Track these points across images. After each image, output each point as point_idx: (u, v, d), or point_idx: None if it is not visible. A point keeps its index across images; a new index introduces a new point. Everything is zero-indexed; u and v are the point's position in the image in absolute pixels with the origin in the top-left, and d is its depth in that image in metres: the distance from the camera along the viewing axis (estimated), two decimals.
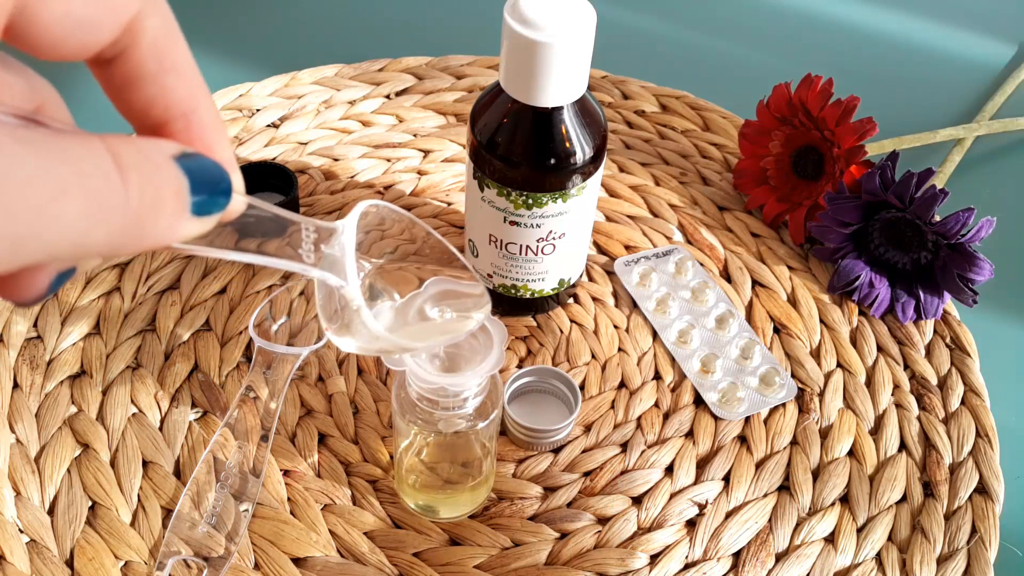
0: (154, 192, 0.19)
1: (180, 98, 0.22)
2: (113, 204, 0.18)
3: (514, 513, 0.44)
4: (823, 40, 0.75)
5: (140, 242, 0.19)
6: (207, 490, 0.43)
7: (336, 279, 0.27)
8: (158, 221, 0.19)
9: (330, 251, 0.27)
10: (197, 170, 0.20)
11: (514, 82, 0.41)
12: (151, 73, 0.21)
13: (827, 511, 0.44)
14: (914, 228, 0.51)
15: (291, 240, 0.25)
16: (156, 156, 0.20)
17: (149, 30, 0.21)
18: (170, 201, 0.20)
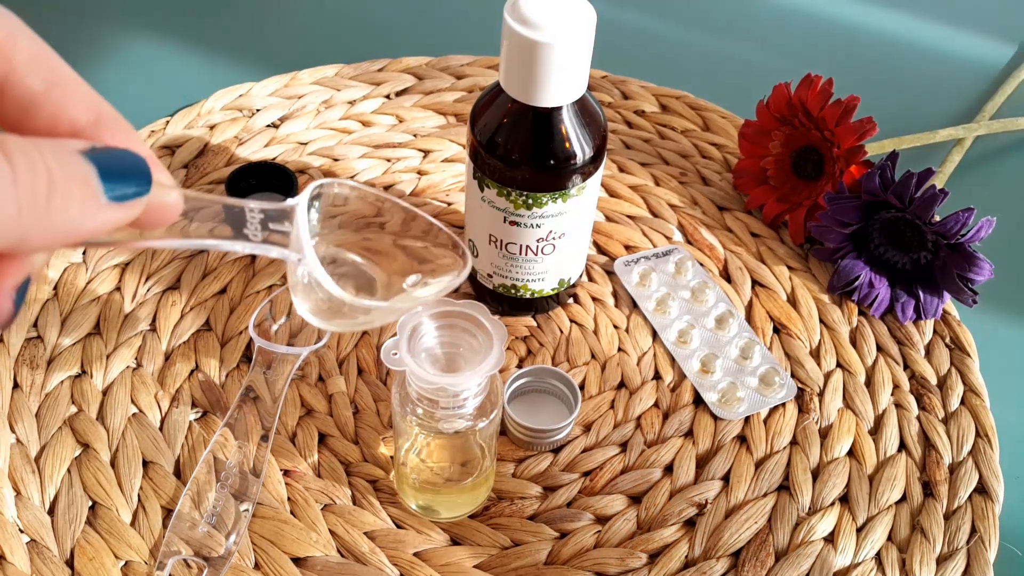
0: (49, 175, 0.19)
1: (79, 109, 0.22)
2: (21, 186, 0.18)
3: (514, 513, 0.44)
4: (823, 40, 0.75)
5: (54, 226, 0.20)
6: (207, 490, 0.43)
7: (291, 254, 0.27)
8: (68, 206, 0.20)
9: (284, 228, 0.27)
10: (106, 159, 0.21)
11: (514, 82, 0.41)
12: (41, 92, 0.22)
13: (827, 511, 0.44)
14: (914, 228, 0.51)
15: (235, 223, 0.26)
16: (56, 149, 0.20)
17: (22, 51, 0.21)
18: (77, 188, 0.20)
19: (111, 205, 0.21)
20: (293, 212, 0.27)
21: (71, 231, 0.20)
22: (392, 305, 0.32)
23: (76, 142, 0.21)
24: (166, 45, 0.70)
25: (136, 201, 0.21)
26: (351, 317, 0.29)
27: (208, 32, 0.71)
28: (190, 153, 0.59)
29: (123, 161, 0.21)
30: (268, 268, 0.53)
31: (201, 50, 0.69)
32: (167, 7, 0.73)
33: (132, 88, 0.65)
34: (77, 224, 0.20)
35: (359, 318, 0.30)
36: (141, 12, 0.72)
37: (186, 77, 0.66)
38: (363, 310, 0.29)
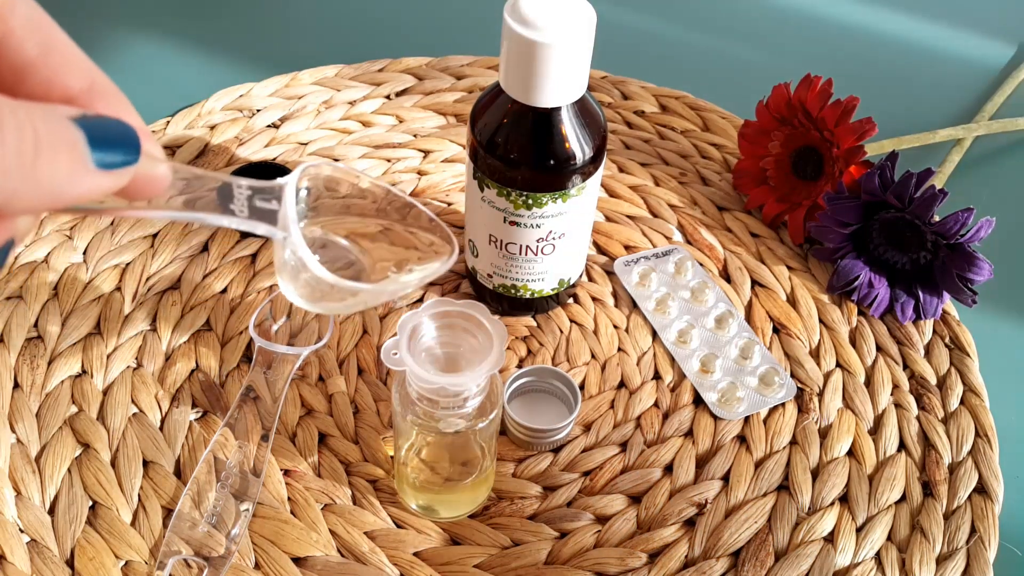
0: (36, 137, 0.19)
1: (74, 76, 0.23)
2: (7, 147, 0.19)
3: (514, 513, 0.44)
4: (823, 40, 0.75)
5: (39, 188, 0.20)
6: (207, 490, 0.43)
7: (277, 232, 0.27)
8: (54, 170, 0.20)
9: (273, 207, 0.27)
10: (96, 127, 0.21)
11: (514, 82, 0.41)
12: (36, 57, 0.22)
13: (826, 511, 0.44)
14: (913, 228, 0.51)
15: (223, 198, 0.26)
16: (45, 113, 0.20)
17: (20, 16, 0.22)
18: (64, 152, 0.20)
19: (98, 172, 0.21)
20: (282, 191, 0.27)
21: (57, 194, 0.20)
22: (377, 287, 0.32)
23: (67, 108, 0.21)
24: (166, 45, 0.70)
25: (124, 170, 0.22)
26: (337, 299, 0.29)
27: (208, 32, 0.71)
28: (190, 153, 0.59)
29: (113, 129, 0.21)
30: (268, 268, 0.53)
31: (201, 50, 0.69)
32: (167, 7, 0.73)
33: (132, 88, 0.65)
34: (63, 188, 0.20)
35: (346, 300, 0.30)
36: (141, 12, 0.72)
37: (186, 77, 0.66)
38: (348, 291, 0.29)
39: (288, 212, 0.27)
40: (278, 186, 0.27)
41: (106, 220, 0.54)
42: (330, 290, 0.28)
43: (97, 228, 0.54)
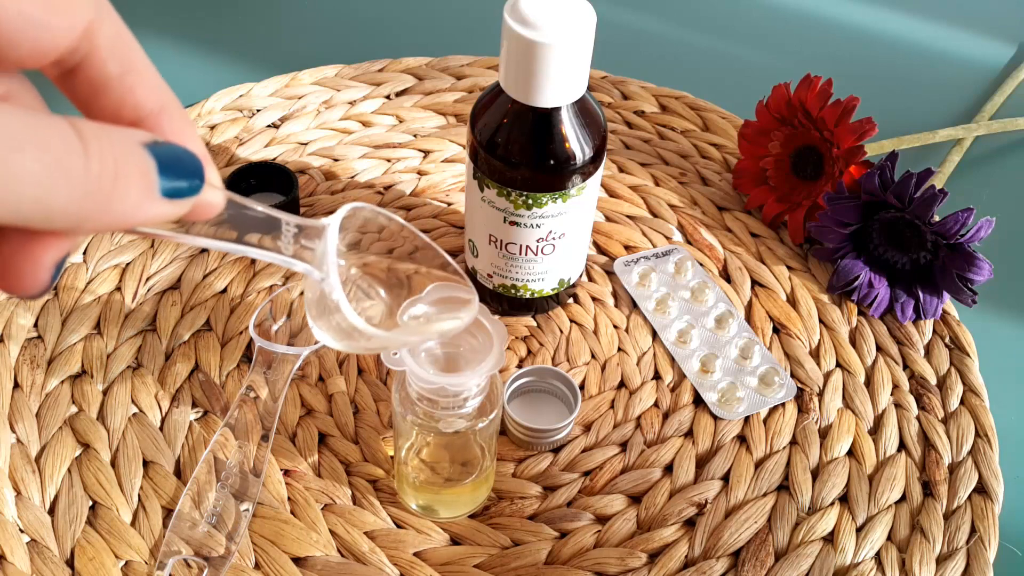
0: (116, 164, 0.20)
1: (147, 98, 0.23)
2: (72, 168, 0.19)
3: (514, 513, 0.44)
4: (823, 40, 0.75)
5: (108, 215, 0.20)
6: (207, 490, 0.43)
7: (315, 271, 0.28)
8: (125, 197, 0.20)
9: (312, 245, 0.28)
10: (166, 155, 0.21)
11: (514, 82, 0.41)
12: (115, 76, 0.22)
13: (826, 511, 0.44)
14: (913, 228, 0.51)
15: (271, 233, 0.27)
16: (123, 138, 0.21)
17: (106, 35, 0.22)
18: (136, 180, 0.20)
19: (163, 200, 0.21)
20: (324, 232, 0.27)
21: (124, 220, 0.21)
22: (401, 337, 0.33)
23: (140, 133, 0.21)
24: (166, 45, 0.70)
25: (187, 200, 0.22)
26: (360, 341, 0.30)
27: (208, 32, 0.71)
28: None
29: (181, 159, 0.22)
30: (268, 268, 0.53)
31: (201, 50, 0.69)
32: (167, 7, 0.73)
33: None
34: (131, 215, 0.21)
35: (371, 343, 0.30)
36: (141, 12, 0.72)
37: (186, 77, 0.66)
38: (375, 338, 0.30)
39: (329, 254, 0.27)
40: (321, 226, 0.28)
41: None
42: (357, 333, 0.29)
43: None
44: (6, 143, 0.18)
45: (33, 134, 0.18)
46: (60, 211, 0.19)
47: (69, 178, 0.19)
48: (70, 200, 0.19)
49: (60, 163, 0.19)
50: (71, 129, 0.19)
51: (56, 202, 0.19)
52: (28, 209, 0.19)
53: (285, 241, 0.27)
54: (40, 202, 0.19)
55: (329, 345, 0.30)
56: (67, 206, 0.19)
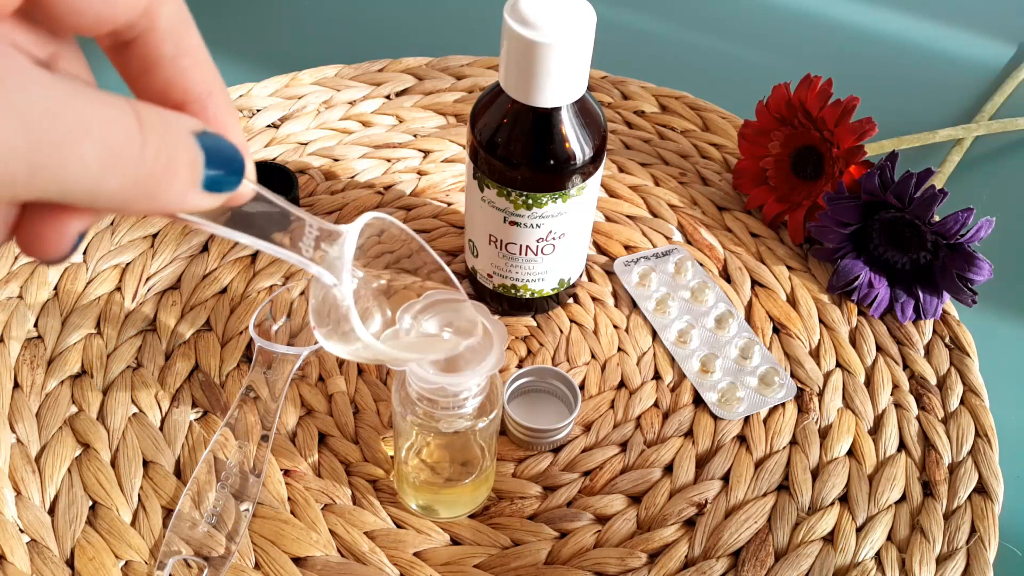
0: (169, 155, 0.20)
1: (196, 82, 0.23)
2: (129, 156, 0.19)
3: (514, 513, 0.44)
4: (823, 40, 0.75)
5: (151, 202, 0.20)
6: (207, 490, 0.43)
7: (330, 277, 0.28)
8: (171, 186, 0.20)
9: (329, 251, 0.27)
10: (213, 147, 0.21)
11: (514, 82, 0.41)
12: (169, 57, 0.22)
13: (826, 511, 0.44)
14: (913, 228, 0.51)
15: (293, 233, 0.27)
16: (177, 126, 0.20)
17: (166, 15, 0.22)
18: (184, 170, 0.20)
19: (204, 193, 0.21)
20: (342, 238, 0.27)
21: (164, 209, 0.21)
22: (404, 355, 0.33)
23: (192, 121, 0.21)
24: None
25: (226, 193, 0.22)
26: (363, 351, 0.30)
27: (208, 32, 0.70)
28: None
29: (226, 152, 0.22)
30: (268, 268, 0.53)
31: None
32: None
33: None
34: (172, 205, 0.21)
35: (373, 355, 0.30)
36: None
37: None
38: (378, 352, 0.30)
39: (345, 261, 0.27)
40: (340, 232, 0.28)
41: (106, 220, 0.54)
42: (361, 343, 0.29)
43: (97, 228, 0.54)
44: (71, 128, 0.18)
45: (97, 118, 0.18)
46: (107, 196, 0.19)
47: (123, 166, 0.19)
48: (120, 188, 0.19)
49: (118, 151, 0.19)
50: (132, 115, 0.19)
51: (106, 188, 0.19)
52: (76, 192, 0.18)
53: (306, 242, 0.27)
54: (91, 187, 0.19)
55: (331, 351, 0.30)
56: (115, 192, 0.19)
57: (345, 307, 0.28)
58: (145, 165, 0.19)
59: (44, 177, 0.18)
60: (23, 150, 0.17)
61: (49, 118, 0.17)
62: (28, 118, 0.17)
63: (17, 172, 0.17)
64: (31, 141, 0.17)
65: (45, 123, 0.17)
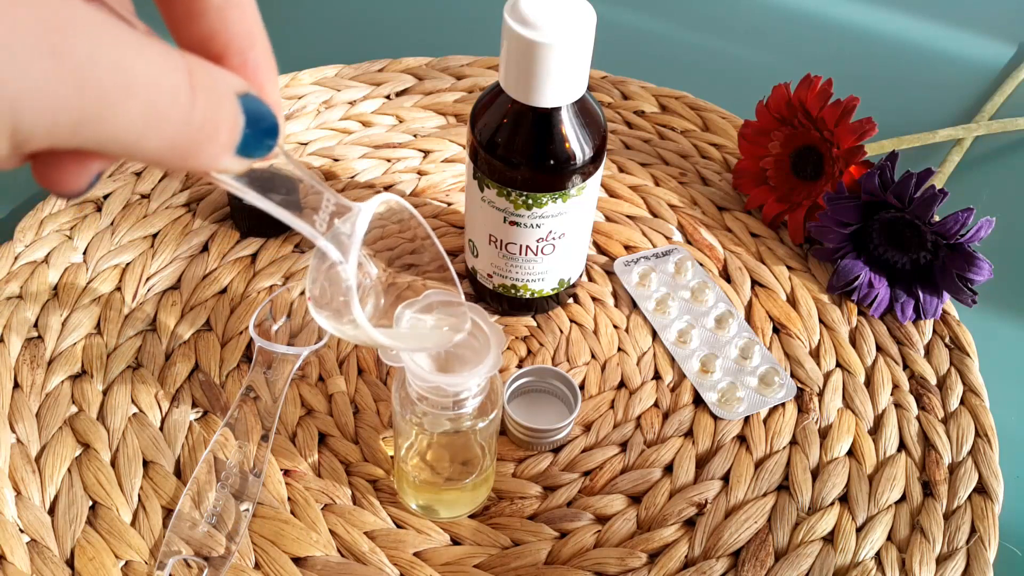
0: (212, 119, 0.19)
1: (240, 34, 0.22)
2: (175, 117, 0.18)
3: (514, 513, 0.44)
4: (823, 40, 0.75)
5: (184, 162, 0.20)
6: (207, 490, 0.43)
7: (337, 254, 0.28)
8: (208, 149, 0.20)
9: (341, 227, 0.27)
10: (254, 111, 0.21)
11: (514, 82, 0.41)
12: (215, 7, 0.22)
13: (826, 511, 0.44)
14: (913, 228, 0.51)
15: (310, 203, 0.26)
16: (226, 87, 0.20)
17: None
18: (224, 134, 0.20)
19: (236, 157, 0.21)
20: (355, 217, 0.27)
21: (195, 169, 0.20)
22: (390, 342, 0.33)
23: (237, 81, 0.21)
24: None
25: (255, 160, 0.22)
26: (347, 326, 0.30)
27: None
28: None
29: (264, 119, 0.21)
30: (268, 268, 0.53)
31: None
32: None
33: None
34: (203, 164, 0.20)
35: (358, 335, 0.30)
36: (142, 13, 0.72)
37: None
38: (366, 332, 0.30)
39: (355, 240, 0.27)
40: (355, 210, 0.28)
41: (106, 220, 0.54)
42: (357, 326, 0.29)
43: (97, 228, 0.54)
44: (124, 83, 0.17)
45: (150, 74, 0.18)
46: (144, 153, 0.19)
47: (168, 127, 0.18)
48: (159, 148, 0.19)
49: (165, 112, 0.18)
50: (185, 74, 0.18)
51: (146, 147, 0.18)
52: (113, 147, 0.18)
53: (321, 216, 0.27)
54: (130, 145, 0.18)
55: (319, 323, 0.30)
56: (153, 151, 0.19)
57: (347, 286, 0.28)
58: (189, 128, 0.19)
59: (87, 131, 0.17)
60: (73, 103, 0.17)
61: (103, 71, 0.17)
62: (83, 72, 0.17)
63: (63, 124, 0.17)
64: (83, 95, 0.17)
65: (99, 77, 0.17)
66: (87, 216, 0.54)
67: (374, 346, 0.33)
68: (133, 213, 0.55)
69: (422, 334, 0.35)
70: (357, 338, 0.31)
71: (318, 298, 0.30)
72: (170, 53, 0.18)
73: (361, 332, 0.29)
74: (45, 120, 0.17)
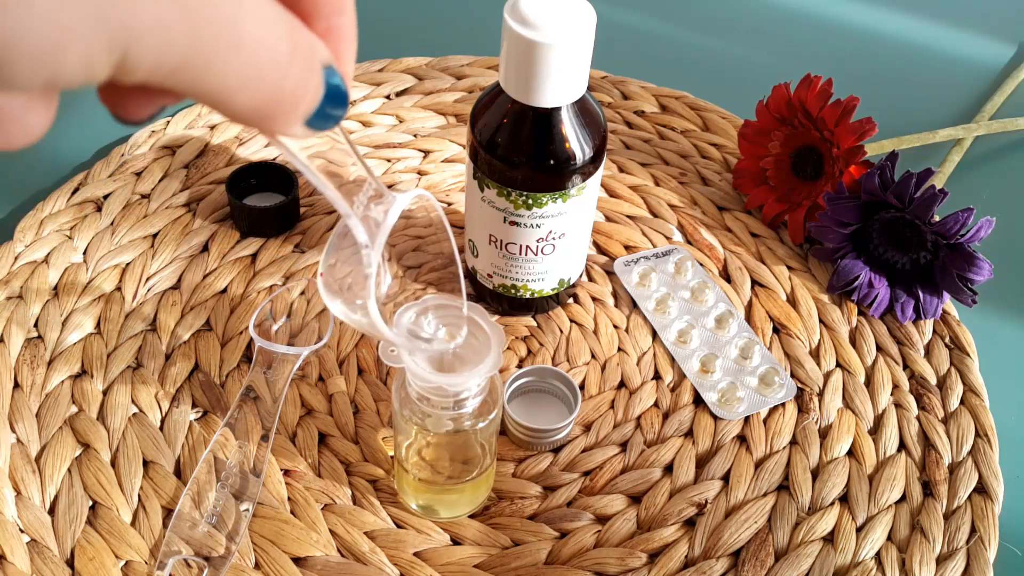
0: (301, 88, 0.19)
1: (329, 1, 0.22)
2: (270, 81, 0.18)
3: (514, 513, 0.44)
4: (823, 40, 0.75)
5: (262, 123, 0.20)
6: (208, 490, 0.43)
7: (365, 237, 0.28)
8: (289, 115, 0.20)
9: (374, 213, 0.28)
10: (333, 87, 0.21)
11: (514, 82, 0.41)
12: None
13: (826, 511, 0.44)
14: (913, 228, 0.51)
15: (355, 183, 0.27)
16: (317, 57, 0.20)
17: None
18: (304, 104, 0.20)
19: (303, 127, 0.21)
20: (390, 205, 0.28)
21: (269, 127, 0.20)
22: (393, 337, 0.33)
23: (325, 53, 0.20)
24: None
25: (322, 131, 0.21)
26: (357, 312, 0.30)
27: None
28: (191, 153, 0.59)
29: (340, 95, 0.21)
30: (268, 268, 0.53)
31: None
32: None
33: None
34: (279, 126, 0.20)
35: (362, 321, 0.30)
36: None
37: None
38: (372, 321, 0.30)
39: (385, 227, 0.28)
40: (390, 198, 0.28)
41: (106, 220, 0.54)
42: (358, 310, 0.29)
43: (97, 228, 0.54)
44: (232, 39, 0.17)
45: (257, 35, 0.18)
46: (227, 107, 0.18)
47: (260, 89, 0.18)
48: (244, 106, 0.19)
49: (262, 74, 0.18)
50: (288, 40, 0.18)
51: (232, 102, 0.18)
52: (201, 95, 0.18)
53: (360, 198, 0.27)
54: (218, 97, 0.18)
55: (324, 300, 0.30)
56: (237, 108, 0.19)
57: (367, 272, 0.28)
58: (279, 93, 0.19)
59: (183, 76, 0.17)
60: (182, 49, 0.17)
61: (218, 24, 0.17)
62: (199, 21, 0.17)
63: (165, 65, 0.17)
64: (192, 43, 0.17)
65: (213, 29, 0.17)
66: (87, 216, 0.54)
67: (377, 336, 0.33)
68: (133, 213, 0.55)
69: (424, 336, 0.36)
70: (361, 325, 0.31)
71: (330, 280, 0.30)
72: (281, 16, 0.18)
73: (369, 320, 0.29)
74: (151, 58, 0.17)
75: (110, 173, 0.57)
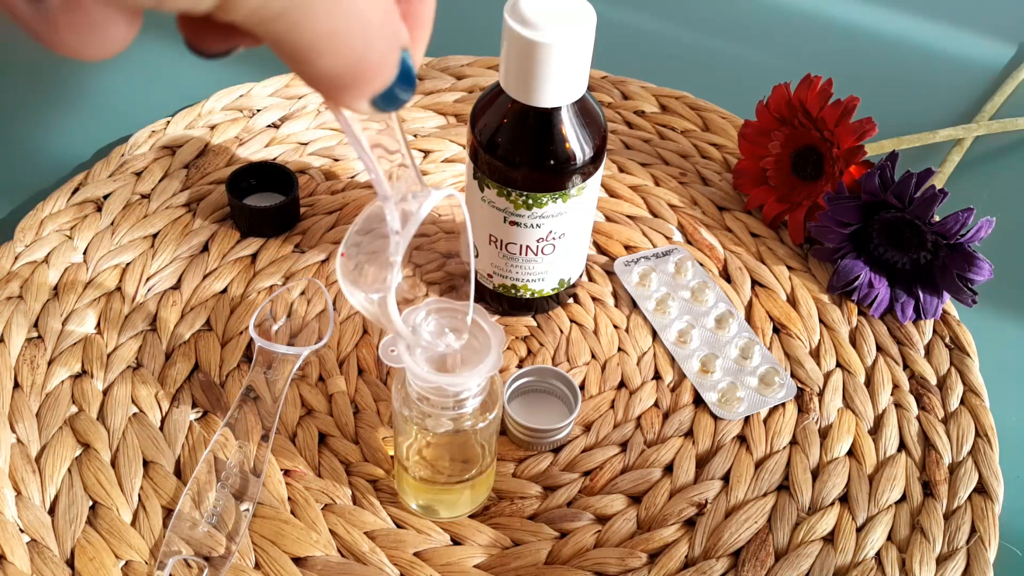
0: (381, 64, 0.19)
1: None
2: (357, 51, 0.19)
3: (514, 513, 0.44)
4: (823, 40, 0.75)
5: (335, 92, 0.20)
6: (208, 490, 0.43)
7: (398, 223, 0.28)
8: (363, 89, 0.20)
9: (408, 202, 0.28)
10: (404, 71, 0.21)
11: (514, 82, 0.41)
12: None
13: (826, 511, 0.44)
14: (913, 228, 0.51)
15: (400, 169, 0.27)
16: (399, 40, 0.20)
17: None
18: (380, 80, 0.20)
19: (368, 106, 0.21)
20: (425, 198, 0.28)
21: (340, 98, 0.20)
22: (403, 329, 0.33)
23: (405, 36, 0.20)
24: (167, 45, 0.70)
25: (384, 111, 0.21)
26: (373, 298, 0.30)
27: None
28: (191, 153, 0.59)
29: (409, 80, 0.21)
30: (268, 268, 0.53)
31: None
32: None
33: (133, 88, 0.65)
34: (350, 99, 0.20)
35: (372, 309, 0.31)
36: None
37: (187, 77, 0.66)
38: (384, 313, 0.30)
39: (418, 218, 0.28)
40: (426, 191, 0.28)
41: (106, 220, 0.54)
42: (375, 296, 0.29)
43: (97, 228, 0.54)
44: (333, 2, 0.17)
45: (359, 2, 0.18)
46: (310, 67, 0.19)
47: (343, 57, 0.18)
48: (327, 70, 0.19)
49: (351, 43, 0.18)
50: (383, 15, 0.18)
51: (313, 64, 0.18)
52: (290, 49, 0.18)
53: (399, 186, 0.27)
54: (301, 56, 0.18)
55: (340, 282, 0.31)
56: (314, 71, 0.19)
57: (393, 260, 0.28)
58: (361, 64, 0.19)
59: (277, 25, 0.17)
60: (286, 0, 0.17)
61: None
62: None
63: (264, 11, 0.17)
64: None
65: None
66: (87, 216, 0.54)
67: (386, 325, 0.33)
68: (133, 213, 0.55)
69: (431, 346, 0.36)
70: (372, 313, 0.31)
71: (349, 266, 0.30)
72: None
73: (382, 310, 0.29)
74: (256, 1, 0.17)
75: (110, 173, 0.57)
